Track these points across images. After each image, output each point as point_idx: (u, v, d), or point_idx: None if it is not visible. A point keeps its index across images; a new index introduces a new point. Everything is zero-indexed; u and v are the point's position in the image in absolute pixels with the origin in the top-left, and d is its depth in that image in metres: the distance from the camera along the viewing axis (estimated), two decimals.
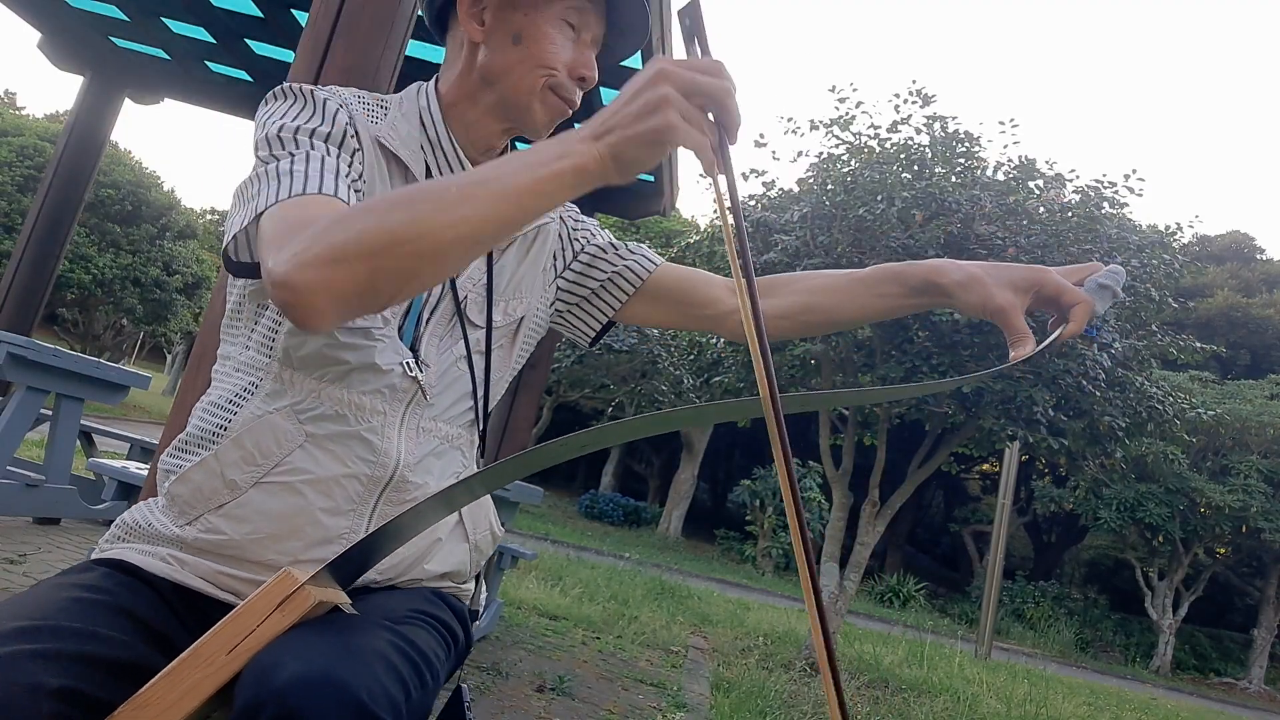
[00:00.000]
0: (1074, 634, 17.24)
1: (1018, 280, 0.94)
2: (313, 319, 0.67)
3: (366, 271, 0.66)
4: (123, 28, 4.90)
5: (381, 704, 0.67)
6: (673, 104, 0.66)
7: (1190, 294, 22.25)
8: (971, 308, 0.96)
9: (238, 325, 0.94)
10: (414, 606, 0.89)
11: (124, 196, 18.78)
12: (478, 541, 1.04)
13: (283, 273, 0.66)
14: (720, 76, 0.68)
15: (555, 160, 0.68)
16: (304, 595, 0.70)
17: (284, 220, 0.74)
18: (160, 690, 0.68)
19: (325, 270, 0.66)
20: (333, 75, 2.16)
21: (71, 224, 5.30)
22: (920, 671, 6.65)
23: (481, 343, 1.00)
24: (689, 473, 20.22)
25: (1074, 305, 0.92)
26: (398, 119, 0.96)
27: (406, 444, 0.92)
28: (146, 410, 17.60)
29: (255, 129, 0.88)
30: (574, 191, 0.69)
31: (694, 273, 1.12)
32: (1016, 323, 0.92)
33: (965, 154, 5.96)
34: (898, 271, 1.02)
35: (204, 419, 0.91)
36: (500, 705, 2.96)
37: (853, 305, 1.04)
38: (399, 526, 0.69)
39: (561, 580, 6.65)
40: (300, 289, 0.66)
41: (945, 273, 0.98)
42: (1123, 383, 5.89)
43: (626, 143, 0.67)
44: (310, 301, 0.66)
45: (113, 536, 0.91)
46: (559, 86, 0.95)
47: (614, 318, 1.13)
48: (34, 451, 6.19)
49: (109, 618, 0.76)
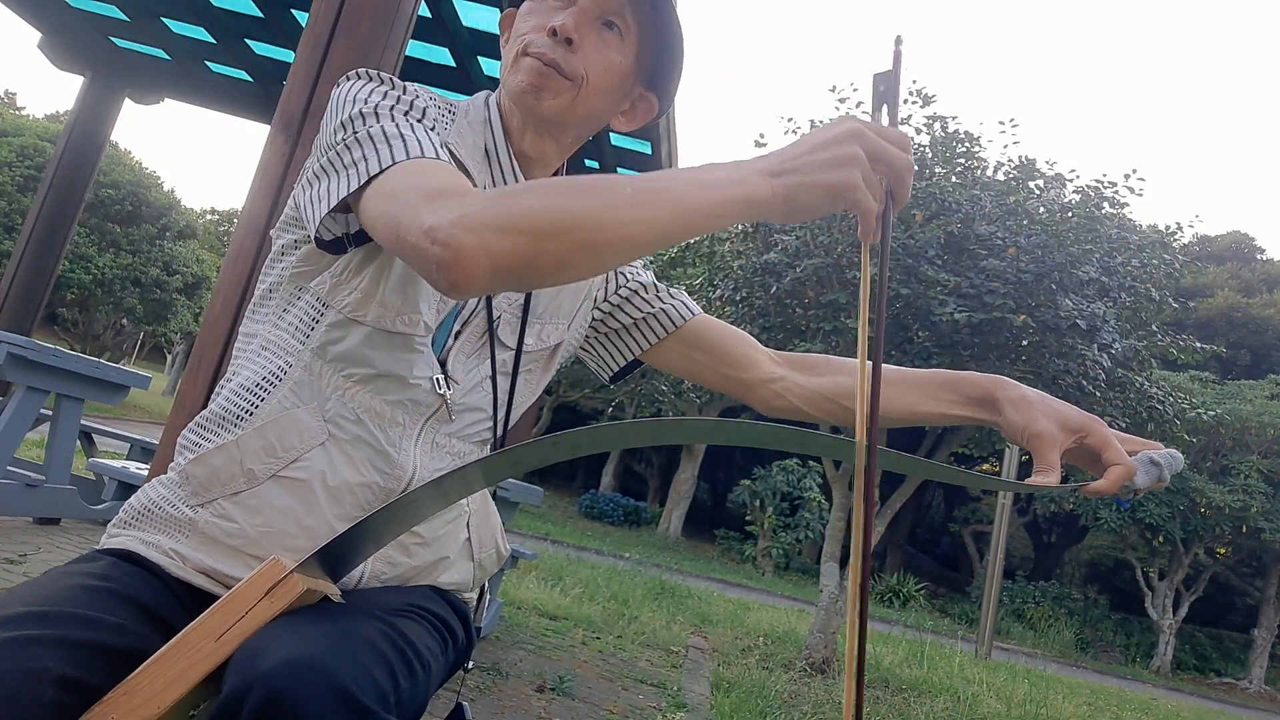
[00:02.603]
0: (1074, 634, 17.22)
1: (1067, 418, 0.90)
2: (465, 282, 0.66)
3: (533, 248, 0.65)
4: (123, 28, 4.90)
5: (368, 691, 0.67)
6: (859, 164, 0.67)
7: (1190, 294, 22.24)
8: (1014, 428, 0.92)
9: (269, 305, 0.93)
10: (410, 601, 0.89)
11: (124, 196, 18.79)
12: (482, 560, 1.04)
13: (446, 231, 0.65)
14: (907, 150, 0.69)
15: (731, 185, 0.68)
16: (292, 582, 0.71)
17: (423, 178, 0.72)
18: (148, 676, 0.68)
19: (493, 237, 0.65)
20: (333, 75, 2.16)
21: (71, 224, 5.30)
22: (920, 671, 6.65)
23: (509, 364, 0.99)
24: (689, 473, 20.21)
25: (1114, 466, 0.86)
26: (464, 128, 0.95)
27: (422, 458, 0.92)
28: (146, 410, 17.59)
29: (332, 110, 0.85)
30: (740, 218, 0.69)
31: (734, 332, 1.10)
32: (1049, 455, 0.88)
33: (965, 154, 5.97)
34: (957, 380, 0.99)
35: (230, 400, 0.90)
36: (500, 705, 2.95)
37: (903, 403, 1.01)
38: (390, 516, 0.69)
39: (561, 580, 6.65)
40: (463, 250, 0.65)
41: (1004, 388, 0.95)
42: (1123, 383, 5.89)
43: (805, 188, 0.68)
44: (470, 264, 0.65)
45: (120, 522, 0.91)
46: (529, 45, 0.91)
47: (640, 357, 1.12)
48: (34, 451, 6.19)
49: (115, 605, 0.76)
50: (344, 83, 0.88)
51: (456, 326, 0.94)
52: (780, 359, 1.09)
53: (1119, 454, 0.87)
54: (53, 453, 3.81)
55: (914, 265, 5.42)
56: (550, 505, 19.74)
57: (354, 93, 0.85)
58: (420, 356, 0.90)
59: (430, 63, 4.47)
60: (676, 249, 7.26)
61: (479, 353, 0.96)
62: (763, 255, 5.84)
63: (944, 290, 5.32)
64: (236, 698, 0.64)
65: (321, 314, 0.89)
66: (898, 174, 0.69)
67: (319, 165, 0.83)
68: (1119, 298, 5.83)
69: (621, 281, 1.10)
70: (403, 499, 0.69)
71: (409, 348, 0.89)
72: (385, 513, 0.69)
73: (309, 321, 0.89)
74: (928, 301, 5.24)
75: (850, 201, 0.68)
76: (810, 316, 5.78)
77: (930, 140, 6.03)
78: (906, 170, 0.69)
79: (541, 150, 0.97)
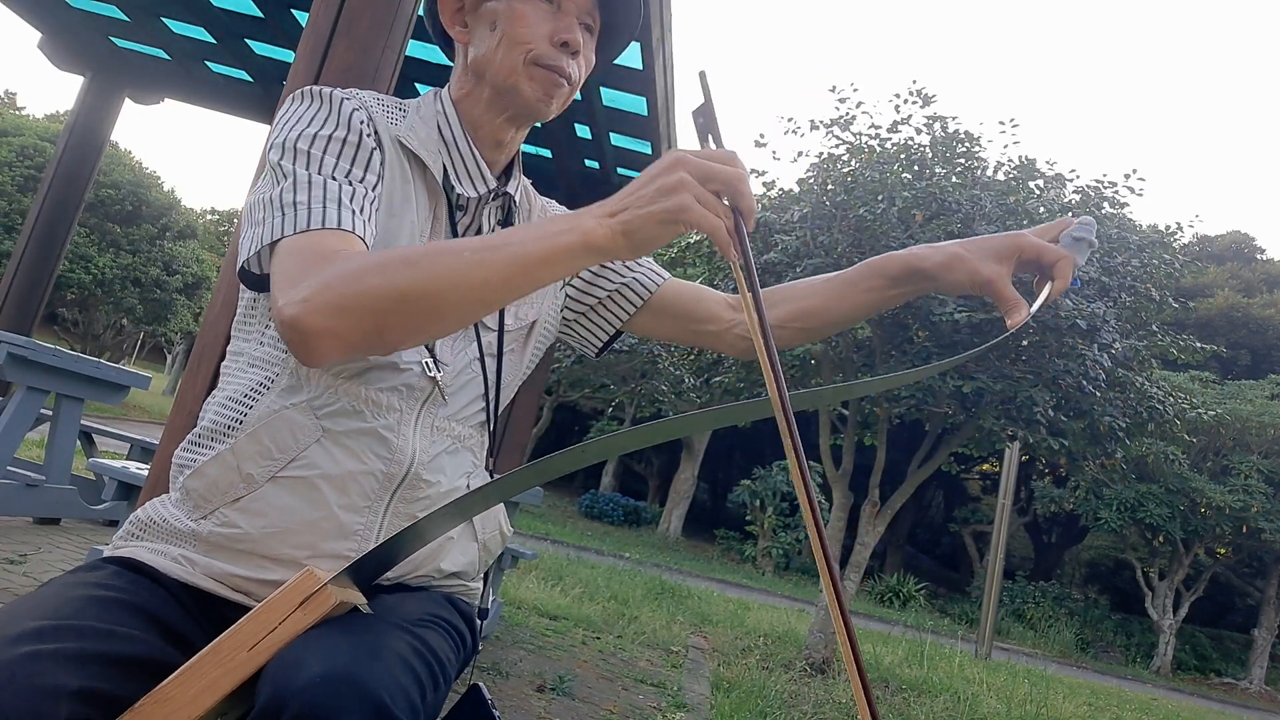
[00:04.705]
0: (1074, 634, 17.22)
1: (999, 250, 0.97)
2: (315, 359, 0.73)
3: (373, 324, 0.71)
4: (123, 28, 4.90)
5: (401, 705, 0.68)
6: (688, 188, 0.71)
7: (1190, 294, 22.23)
8: (959, 286, 0.98)
9: (251, 322, 0.95)
10: (428, 610, 0.89)
11: (124, 196, 18.79)
12: (486, 541, 1.05)
13: (291, 314, 0.71)
14: (734, 164, 0.73)
15: (566, 233, 0.73)
16: (325, 595, 0.70)
17: (296, 257, 0.77)
18: (180, 685, 0.68)
19: (333, 319, 0.71)
20: (333, 75, 2.15)
21: (71, 224, 5.30)
22: (920, 671, 6.65)
23: (494, 345, 1.02)
24: (689, 473, 20.21)
25: (1056, 262, 0.94)
26: (416, 122, 0.98)
27: (421, 442, 0.93)
28: (146, 410, 17.59)
29: (272, 130, 0.91)
30: (583, 264, 0.74)
31: (695, 288, 1.15)
32: (1006, 292, 0.95)
33: (965, 154, 5.97)
34: (879, 265, 1.04)
35: (219, 414, 0.91)
36: (500, 705, 2.96)
37: (843, 305, 1.07)
38: (416, 532, 0.70)
39: (561, 580, 6.65)
40: (307, 332, 0.71)
41: (925, 257, 1.00)
42: (1123, 383, 5.89)
43: (640, 220, 0.72)
44: (316, 345, 0.72)
45: (125, 534, 0.91)
46: (540, 57, 0.95)
47: (621, 329, 1.16)
48: (34, 451, 6.19)
49: (124, 615, 0.76)
50: (282, 107, 0.93)
51: None
52: (735, 303, 1.14)
53: (1054, 251, 0.95)
54: (53, 453, 3.81)
55: None
56: (550, 505, 19.75)
57: (285, 118, 0.90)
58: None
59: (430, 63, 4.47)
60: (676, 249, 7.27)
61: (464, 336, 0.98)
62: (763, 255, 5.84)
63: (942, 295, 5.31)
64: (272, 711, 0.64)
65: None
66: (732, 187, 0.72)
67: (249, 205, 0.87)
68: (1119, 298, 5.83)
69: None
70: (435, 513, 0.69)
71: None
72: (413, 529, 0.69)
73: None
74: (928, 301, 5.24)
75: (690, 223, 0.71)
76: None
77: (930, 140, 6.02)
78: (739, 181, 0.72)
79: (514, 138, 1.03)
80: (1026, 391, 5.31)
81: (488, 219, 1.02)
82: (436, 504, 0.94)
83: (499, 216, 1.04)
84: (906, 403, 5.77)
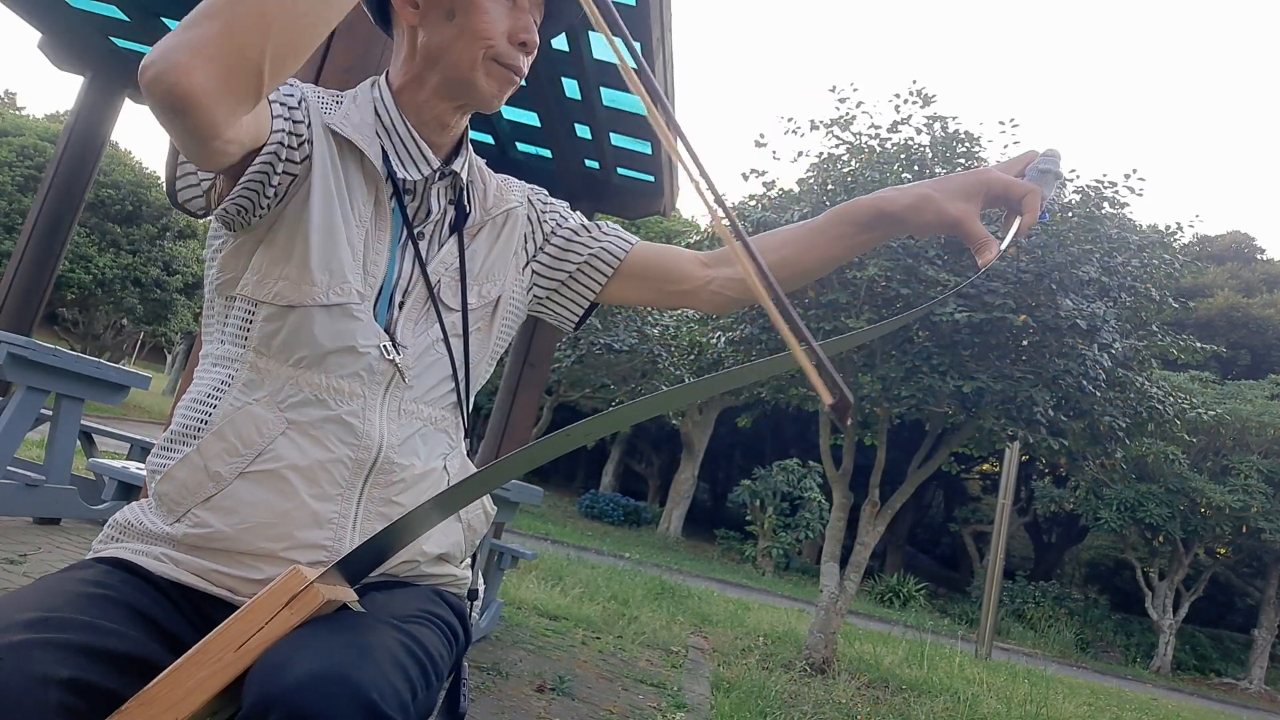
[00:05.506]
0: (1074, 634, 17.21)
1: (965, 188, 0.96)
2: (189, 92, 0.68)
3: (222, 27, 0.69)
4: (123, 28, 4.90)
5: (392, 704, 0.67)
6: None
7: (1190, 294, 22.21)
8: (928, 227, 0.98)
9: (210, 321, 0.96)
10: (419, 606, 0.89)
11: (124, 196, 18.77)
12: (470, 521, 1.04)
13: (147, 60, 0.68)
14: None
15: None
16: (313, 593, 0.70)
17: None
18: (167, 686, 0.67)
19: (182, 34, 0.69)
20: (333, 75, 2.15)
21: (71, 224, 5.30)
22: (920, 671, 6.65)
23: (458, 325, 1.01)
24: (689, 473, 20.21)
25: (1024, 196, 0.94)
26: (350, 109, 0.97)
27: (388, 426, 0.92)
28: (146, 410, 17.59)
29: None
30: None
31: (666, 249, 1.13)
32: (975, 229, 0.94)
33: (965, 154, 5.97)
34: (847, 211, 1.03)
35: (185, 415, 0.91)
36: (500, 705, 2.95)
37: (814, 254, 1.06)
38: (405, 525, 0.69)
39: (561, 580, 6.65)
40: (166, 60, 0.68)
41: (892, 200, 0.99)
42: (1123, 383, 5.89)
43: None
44: (178, 67, 0.68)
45: (106, 537, 0.92)
46: (500, 55, 0.94)
47: (596, 299, 1.13)
48: (34, 451, 6.19)
49: (114, 612, 0.76)
50: None
51: (399, 297, 0.96)
52: (707, 259, 1.13)
53: (1021, 185, 0.95)
54: (53, 453, 3.80)
55: (914, 265, 5.42)
56: (550, 505, 19.74)
57: None
58: (361, 325, 0.91)
59: None
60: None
61: (425, 318, 0.97)
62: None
63: (944, 290, 5.32)
64: (260, 711, 0.64)
65: (254, 312, 0.90)
66: None
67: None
68: (1119, 298, 5.83)
69: (550, 229, 1.12)
70: (421, 507, 0.69)
71: (348, 316, 0.90)
72: (401, 523, 0.69)
73: (245, 324, 0.91)
74: (928, 301, 5.24)
75: None
76: (810, 316, 5.78)
77: (930, 140, 6.02)
78: None
79: (459, 121, 1.02)
80: (1026, 391, 5.31)
81: (436, 199, 1.01)
82: (412, 487, 0.94)
83: (450, 196, 1.03)
84: (907, 403, 5.77)
